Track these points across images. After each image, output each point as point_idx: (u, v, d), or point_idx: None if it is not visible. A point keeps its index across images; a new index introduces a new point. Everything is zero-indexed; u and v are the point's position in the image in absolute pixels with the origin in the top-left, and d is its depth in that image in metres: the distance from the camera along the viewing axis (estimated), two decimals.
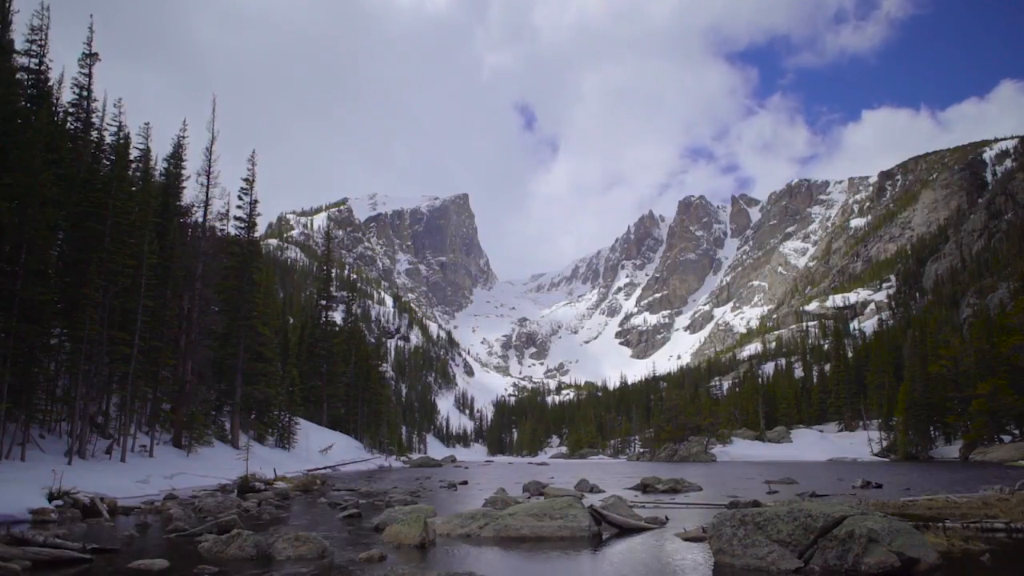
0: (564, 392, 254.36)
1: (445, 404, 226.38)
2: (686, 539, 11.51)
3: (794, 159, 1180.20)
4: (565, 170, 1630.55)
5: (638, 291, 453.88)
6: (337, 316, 76.22)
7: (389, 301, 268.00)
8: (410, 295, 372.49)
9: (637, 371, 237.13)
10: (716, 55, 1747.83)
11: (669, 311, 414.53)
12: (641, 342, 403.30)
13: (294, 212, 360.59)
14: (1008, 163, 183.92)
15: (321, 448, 50.28)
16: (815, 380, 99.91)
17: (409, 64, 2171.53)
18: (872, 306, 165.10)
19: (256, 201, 43.69)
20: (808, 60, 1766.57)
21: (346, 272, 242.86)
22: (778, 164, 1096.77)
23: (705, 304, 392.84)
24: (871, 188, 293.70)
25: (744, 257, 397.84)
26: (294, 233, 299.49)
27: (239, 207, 43.07)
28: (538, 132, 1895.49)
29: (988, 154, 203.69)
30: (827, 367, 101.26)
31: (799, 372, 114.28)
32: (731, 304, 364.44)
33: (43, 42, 28.99)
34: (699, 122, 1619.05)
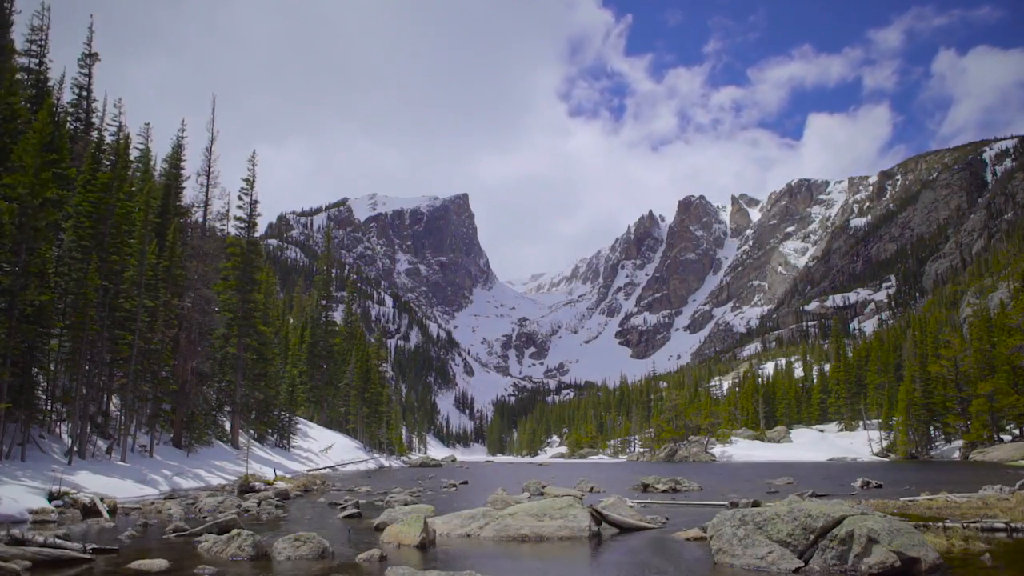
0: (564, 392, 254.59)
1: (445, 404, 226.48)
2: (686, 539, 11.51)
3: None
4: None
5: (638, 291, 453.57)
6: (337, 316, 76.24)
7: (389, 301, 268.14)
8: (410, 295, 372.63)
9: (637, 371, 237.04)
10: None
11: (669, 311, 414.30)
12: (641, 342, 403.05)
13: (294, 212, 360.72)
14: (1008, 163, 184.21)
15: (321, 448, 50.34)
16: (815, 380, 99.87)
17: None
18: (872, 306, 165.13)
19: (256, 201, 43.66)
20: None
21: (346, 272, 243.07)
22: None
23: (705, 304, 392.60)
24: (871, 188, 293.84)
25: (744, 257, 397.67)
26: (294, 233, 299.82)
27: (239, 207, 43.07)
28: None
29: (988, 154, 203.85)
30: (827, 367, 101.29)
31: (799, 372, 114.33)
32: (731, 304, 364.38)
33: (43, 42, 29.04)
34: None
